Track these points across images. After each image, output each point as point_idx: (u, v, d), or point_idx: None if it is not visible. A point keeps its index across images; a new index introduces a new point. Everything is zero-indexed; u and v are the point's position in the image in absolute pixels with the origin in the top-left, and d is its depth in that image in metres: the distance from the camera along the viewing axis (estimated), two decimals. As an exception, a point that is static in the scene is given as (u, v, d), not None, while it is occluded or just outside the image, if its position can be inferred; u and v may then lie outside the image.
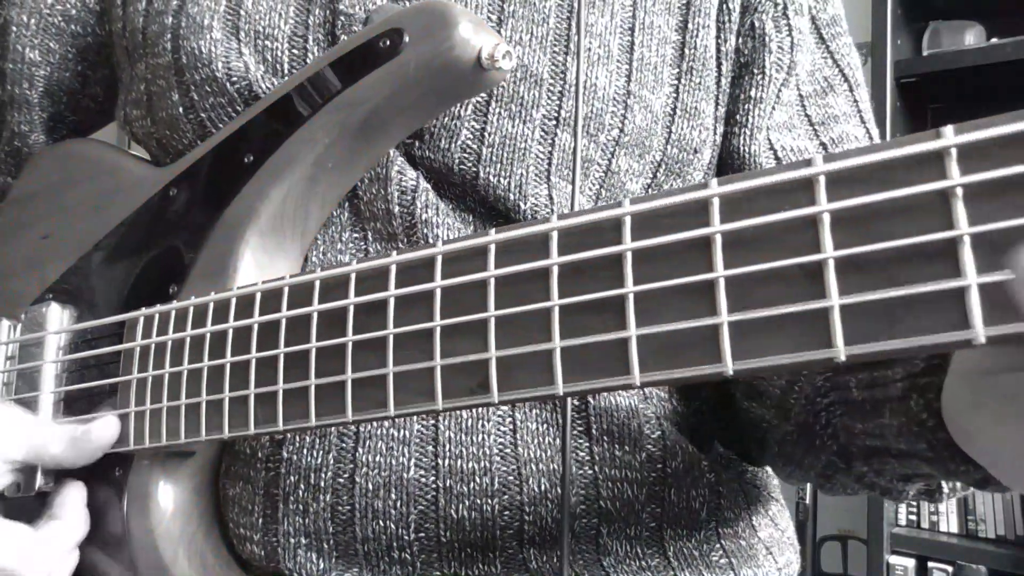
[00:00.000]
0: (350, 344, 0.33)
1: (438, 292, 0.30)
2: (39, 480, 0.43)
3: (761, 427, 0.47)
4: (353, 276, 0.33)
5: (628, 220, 0.26)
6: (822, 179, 0.23)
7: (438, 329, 0.30)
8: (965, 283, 0.20)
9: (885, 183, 0.22)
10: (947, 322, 0.21)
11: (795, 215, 0.23)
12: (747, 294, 0.24)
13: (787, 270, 0.23)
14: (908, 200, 0.21)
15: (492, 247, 0.29)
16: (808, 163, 0.23)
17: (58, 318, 0.48)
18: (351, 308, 0.33)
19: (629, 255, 0.26)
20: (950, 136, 0.21)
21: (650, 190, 0.48)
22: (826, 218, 0.23)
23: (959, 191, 0.21)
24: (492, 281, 0.29)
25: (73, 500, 0.43)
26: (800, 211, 0.23)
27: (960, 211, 0.21)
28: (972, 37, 1.49)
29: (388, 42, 0.39)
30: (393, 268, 0.32)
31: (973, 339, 0.20)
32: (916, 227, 0.21)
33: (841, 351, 0.22)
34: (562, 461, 0.40)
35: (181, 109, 0.46)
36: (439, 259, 0.31)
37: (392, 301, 0.32)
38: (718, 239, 0.24)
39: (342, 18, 0.44)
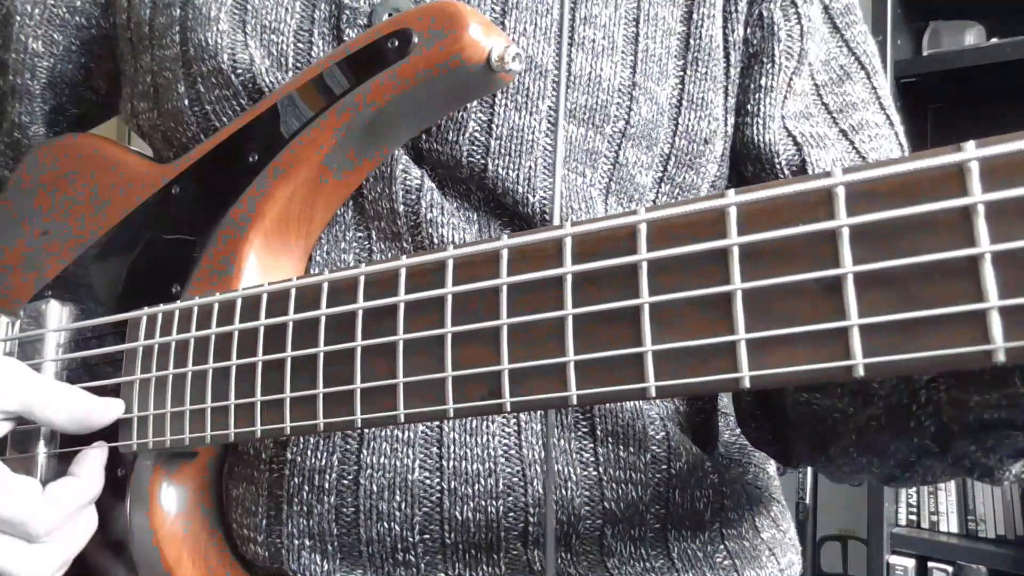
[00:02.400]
0: (359, 349, 0.32)
1: (449, 298, 0.30)
2: (41, 450, 0.43)
3: (830, 418, 0.44)
4: (362, 279, 0.33)
5: (643, 228, 0.26)
6: (841, 191, 0.23)
7: (449, 336, 0.30)
8: (987, 306, 0.20)
9: (905, 198, 0.22)
10: (967, 338, 0.20)
11: (814, 229, 0.23)
12: (765, 307, 0.23)
13: (806, 284, 0.23)
14: (929, 216, 0.21)
15: (504, 252, 0.29)
16: (828, 175, 0.23)
17: (57, 315, 0.47)
18: (360, 312, 0.33)
19: (645, 265, 0.26)
20: (971, 151, 0.21)
21: (661, 183, 0.48)
22: (845, 232, 0.22)
23: (981, 208, 0.21)
24: (505, 288, 0.29)
25: (92, 460, 0.42)
26: (819, 225, 0.23)
27: (982, 228, 0.21)
28: (972, 37, 1.49)
29: (396, 43, 0.38)
30: (403, 272, 0.32)
31: (993, 355, 0.20)
32: (937, 243, 0.21)
33: (860, 365, 0.22)
34: (545, 457, 0.40)
35: (186, 101, 0.46)
36: (450, 264, 0.30)
37: (402, 306, 0.31)
38: (735, 251, 0.24)
39: (347, 12, 0.44)
